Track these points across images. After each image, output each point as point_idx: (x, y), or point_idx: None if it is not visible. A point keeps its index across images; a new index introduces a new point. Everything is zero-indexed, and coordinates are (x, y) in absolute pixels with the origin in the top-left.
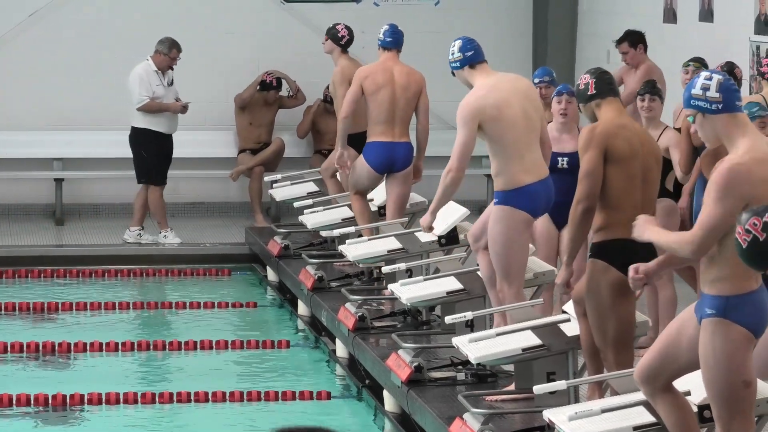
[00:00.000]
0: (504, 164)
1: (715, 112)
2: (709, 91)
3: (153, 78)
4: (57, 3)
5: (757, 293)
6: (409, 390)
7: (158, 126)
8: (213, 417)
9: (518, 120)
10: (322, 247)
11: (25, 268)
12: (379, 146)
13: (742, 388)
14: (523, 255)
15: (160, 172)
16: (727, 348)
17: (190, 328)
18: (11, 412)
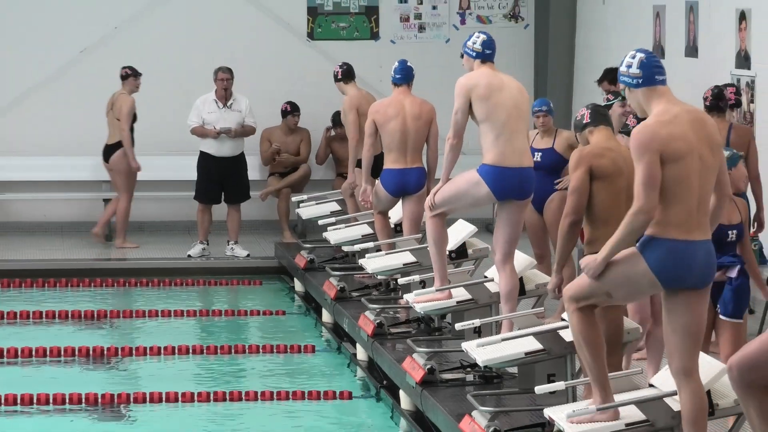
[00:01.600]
0: (493, 142)
1: (637, 86)
2: (631, 68)
3: (208, 105)
4: (104, 41)
5: (680, 244)
6: (422, 390)
7: (206, 148)
8: (246, 414)
9: (507, 104)
10: (344, 261)
11: (78, 279)
12: (393, 173)
13: (603, 294)
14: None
15: (201, 190)
16: (622, 268)
17: (225, 333)
18: (64, 409)
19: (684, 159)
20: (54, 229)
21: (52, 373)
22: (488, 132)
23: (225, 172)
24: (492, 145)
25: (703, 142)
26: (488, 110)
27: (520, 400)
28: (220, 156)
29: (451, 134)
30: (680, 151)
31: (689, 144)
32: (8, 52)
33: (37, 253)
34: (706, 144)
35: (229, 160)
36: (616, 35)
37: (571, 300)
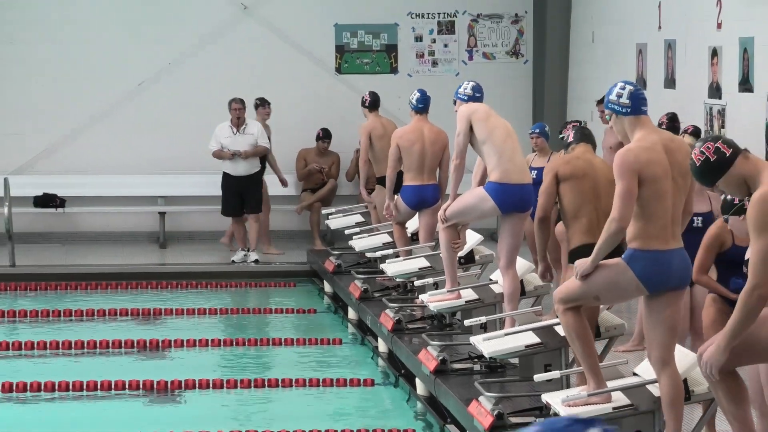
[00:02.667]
0: (497, 162)
1: (625, 114)
2: (621, 98)
3: (224, 131)
4: (159, 75)
5: (663, 254)
6: (436, 378)
7: (226, 169)
8: (281, 399)
9: (501, 128)
10: (367, 265)
11: (135, 281)
12: (412, 188)
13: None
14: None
15: (225, 205)
16: (611, 276)
17: (263, 329)
18: (124, 394)
19: (660, 181)
20: (114, 238)
21: (114, 363)
22: (491, 153)
23: (243, 188)
24: (496, 165)
25: (675, 167)
26: (488, 131)
27: (521, 387)
28: (237, 175)
29: (454, 156)
30: (657, 174)
31: (664, 168)
32: (77, 83)
33: (100, 259)
34: (678, 169)
35: (245, 178)
36: (604, 69)
37: (561, 302)
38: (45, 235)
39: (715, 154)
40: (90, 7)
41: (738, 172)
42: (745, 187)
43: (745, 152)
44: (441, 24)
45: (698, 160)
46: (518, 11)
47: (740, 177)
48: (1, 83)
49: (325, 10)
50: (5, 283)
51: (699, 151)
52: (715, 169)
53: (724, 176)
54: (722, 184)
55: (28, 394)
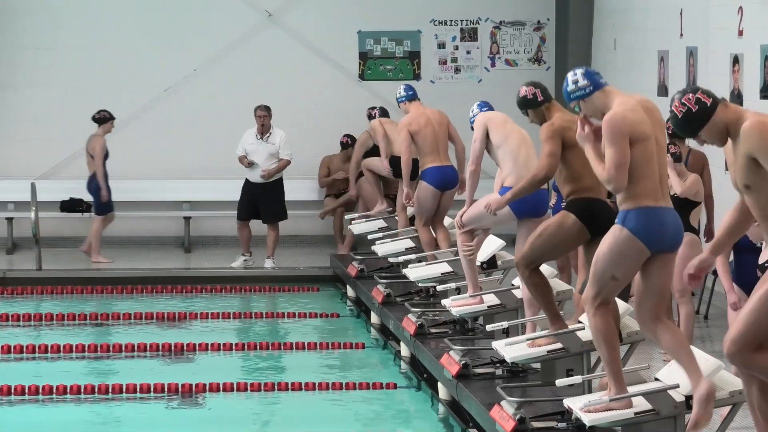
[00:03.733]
0: (512, 167)
1: (591, 93)
2: (578, 82)
3: (248, 137)
4: (185, 81)
5: (656, 210)
6: (458, 382)
7: (247, 175)
8: (305, 402)
9: (516, 134)
10: (390, 270)
11: (161, 285)
12: (435, 170)
13: (610, 280)
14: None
15: (239, 209)
16: (614, 245)
17: (286, 333)
18: (149, 397)
19: (648, 140)
20: (140, 242)
21: (139, 366)
22: (506, 158)
23: (259, 195)
24: (511, 170)
25: (657, 126)
26: (503, 137)
27: (543, 392)
28: (256, 182)
29: (470, 162)
30: (645, 133)
31: (650, 127)
32: (103, 89)
33: (125, 263)
34: (659, 128)
35: (263, 186)
36: (625, 77)
37: (589, 301)
38: (71, 239)
39: (696, 105)
40: (116, 13)
41: (720, 119)
42: (726, 134)
43: (724, 101)
44: (464, 31)
45: (680, 112)
46: (541, 18)
47: (722, 125)
48: (28, 89)
49: (348, 17)
50: (31, 286)
51: (680, 102)
52: (697, 119)
53: (707, 125)
54: (704, 134)
55: (53, 396)
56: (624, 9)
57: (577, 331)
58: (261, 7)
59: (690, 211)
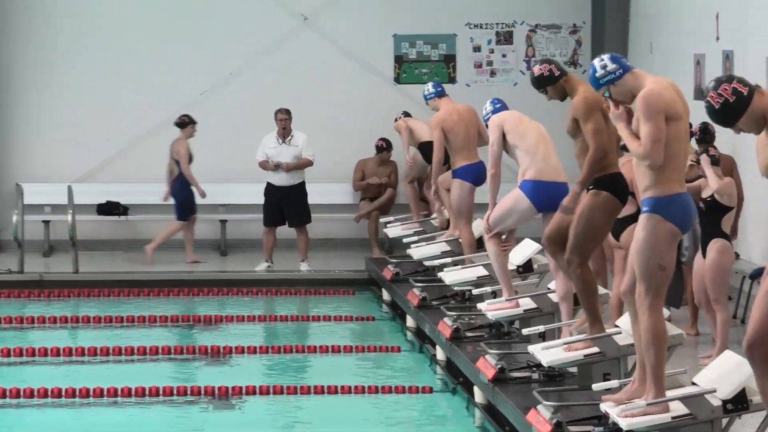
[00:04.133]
0: (531, 162)
1: (621, 75)
2: (607, 67)
3: (270, 142)
4: (220, 85)
5: (682, 196)
6: (494, 386)
7: (270, 179)
8: (341, 405)
9: (534, 130)
10: (425, 274)
11: (197, 288)
12: (468, 168)
13: (657, 270)
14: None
15: (265, 215)
16: (651, 236)
17: (322, 336)
18: (185, 400)
19: (680, 120)
20: (176, 245)
21: (175, 369)
22: (524, 155)
23: (285, 198)
24: (530, 164)
25: (684, 108)
26: (519, 135)
27: (580, 396)
28: (281, 185)
29: (490, 165)
30: (678, 113)
31: (681, 108)
32: (140, 93)
33: (161, 266)
34: (686, 111)
35: (288, 189)
36: None
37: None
38: (108, 242)
39: (733, 95)
40: (153, 17)
41: (757, 107)
42: (763, 121)
43: (759, 87)
44: (499, 34)
45: (717, 103)
46: (576, 22)
47: (759, 112)
48: (65, 92)
49: (384, 20)
50: (68, 289)
51: (716, 93)
52: (735, 109)
53: (745, 115)
54: (742, 123)
55: (90, 399)
56: (660, 12)
57: (615, 335)
58: (297, 11)
59: (722, 217)
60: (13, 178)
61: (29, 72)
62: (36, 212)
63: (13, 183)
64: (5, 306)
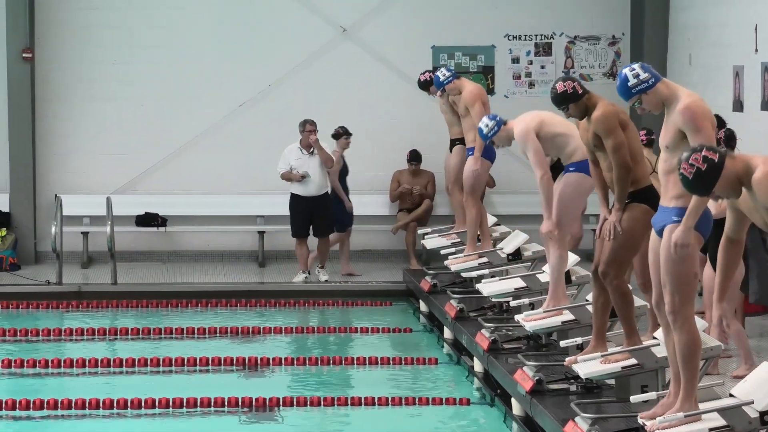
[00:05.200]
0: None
1: (653, 85)
2: (639, 76)
3: (293, 153)
4: (259, 96)
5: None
6: (531, 398)
7: (295, 190)
8: (378, 418)
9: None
10: (463, 285)
11: (235, 299)
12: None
13: (693, 279)
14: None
15: (294, 227)
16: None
17: (359, 348)
18: (223, 411)
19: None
20: (214, 257)
21: (214, 380)
22: (564, 142)
23: (312, 209)
24: (576, 147)
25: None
26: (551, 129)
27: (617, 408)
28: (307, 195)
29: (541, 171)
30: (714, 123)
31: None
32: (179, 104)
33: (200, 278)
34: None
35: (314, 199)
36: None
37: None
38: (146, 253)
39: (704, 163)
40: (192, 29)
41: (730, 173)
42: (739, 186)
43: (729, 152)
44: (538, 46)
45: (690, 173)
46: (616, 33)
47: (733, 177)
48: (104, 104)
49: (422, 32)
50: (107, 300)
51: (687, 164)
52: (708, 177)
53: (719, 181)
54: (718, 189)
55: (128, 410)
56: (699, 24)
57: (652, 347)
58: (336, 23)
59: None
60: (52, 189)
61: (69, 84)
62: (75, 224)
63: (52, 194)
64: (44, 317)
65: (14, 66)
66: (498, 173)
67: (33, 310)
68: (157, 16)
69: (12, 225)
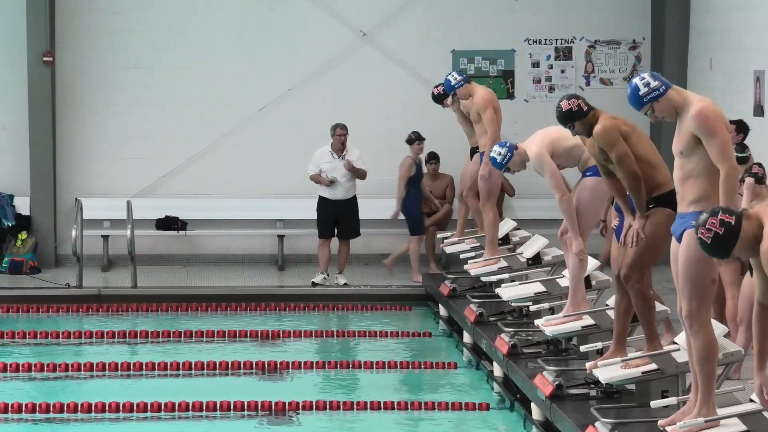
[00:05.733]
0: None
1: (664, 92)
2: (650, 84)
3: (323, 156)
4: (279, 100)
5: None
6: (551, 403)
7: (323, 193)
8: (398, 422)
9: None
10: (483, 290)
11: (254, 303)
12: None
13: (711, 285)
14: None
15: (321, 228)
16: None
17: (378, 352)
18: (242, 415)
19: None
20: (234, 260)
21: (233, 384)
22: (581, 151)
23: (339, 212)
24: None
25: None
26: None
27: (638, 413)
28: (335, 199)
29: (560, 191)
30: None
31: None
32: (199, 108)
33: (219, 281)
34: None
35: (342, 203)
36: (721, 96)
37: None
38: (166, 257)
39: (722, 227)
40: (212, 33)
41: (748, 234)
42: (757, 244)
43: (745, 211)
44: (558, 50)
45: (708, 238)
46: (636, 37)
47: (751, 236)
48: (125, 107)
49: (442, 36)
50: (127, 303)
51: (705, 229)
52: (727, 240)
53: (738, 242)
54: (737, 251)
55: (148, 414)
56: (720, 29)
57: (673, 352)
58: (355, 27)
59: None
60: (72, 192)
61: (89, 88)
62: (95, 227)
63: (72, 198)
64: (64, 321)
65: (35, 70)
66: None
67: (53, 314)
68: (178, 20)
69: (32, 228)
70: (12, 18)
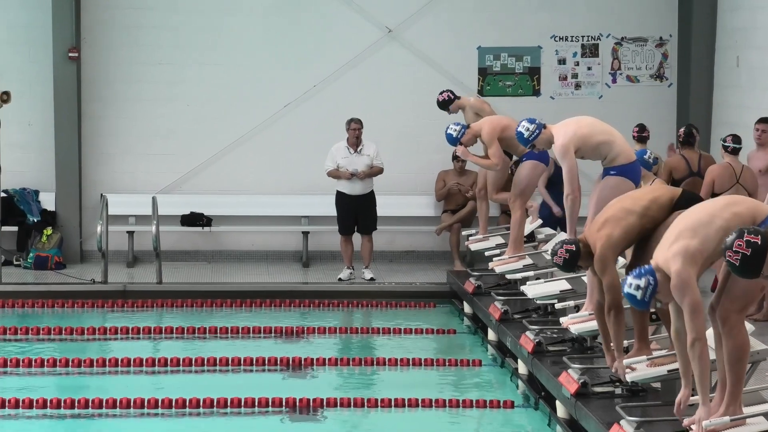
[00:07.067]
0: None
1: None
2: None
3: (340, 151)
4: (304, 97)
5: None
6: (576, 401)
7: (342, 188)
8: (422, 420)
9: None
10: (507, 287)
11: (279, 299)
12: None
13: (758, 291)
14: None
15: (341, 224)
16: None
17: (402, 349)
18: (267, 411)
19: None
20: (259, 257)
21: (257, 380)
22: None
23: (358, 207)
24: (618, 153)
25: None
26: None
27: (663, 412)
28: (354, 194)
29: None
30: None
31: None
32: (224, 105)
33: (244, 277)
34: None
35: (361, 197)
36: (747, 94)
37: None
38: (191, 253)
39: (749, 248)
40: (237, 30)
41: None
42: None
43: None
44: (585, 47)
45: (737, 260)
46: (663, 35)
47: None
48: (151, 104)
49: (468, 33)
50: (152, 299)
51: (732, 251)
52: (755, 260)
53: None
54: (766, 270)
55: (173, 410)
56: (747, 27)
57: None
58: (381, 24)
59: None
60: (98, 188)
61: (114, 84)
62: (120, 223)
63: (98, 194)
64: (89, 316)
65: (60, 66)
66: None
67: (78, 309)
68: (203, 16)
69: (58, 224)
70: (38, 14)
